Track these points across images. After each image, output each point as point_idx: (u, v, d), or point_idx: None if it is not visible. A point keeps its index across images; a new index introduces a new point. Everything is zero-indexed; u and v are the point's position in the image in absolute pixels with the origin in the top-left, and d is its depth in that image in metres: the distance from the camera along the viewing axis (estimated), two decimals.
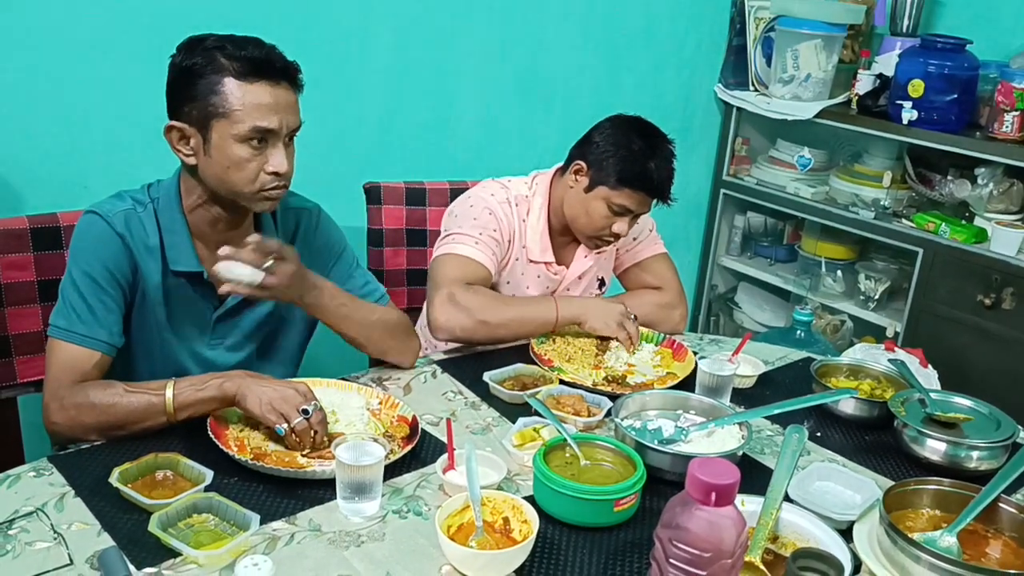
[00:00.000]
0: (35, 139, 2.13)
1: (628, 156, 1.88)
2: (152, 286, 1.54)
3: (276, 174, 1.48)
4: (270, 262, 1.45)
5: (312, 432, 1.42)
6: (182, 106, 1.45)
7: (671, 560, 0.97)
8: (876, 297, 3.10)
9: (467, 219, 1.96)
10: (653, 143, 1.90)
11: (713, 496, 0.95)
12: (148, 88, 2.22)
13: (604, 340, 1.94)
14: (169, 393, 1.42)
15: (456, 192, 2.15)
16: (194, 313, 1.60)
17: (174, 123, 1.47)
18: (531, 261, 2.03)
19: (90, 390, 1.43)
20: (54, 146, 2.16)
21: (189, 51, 1.44)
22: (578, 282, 2.10)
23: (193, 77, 1.43)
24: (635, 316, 1.96)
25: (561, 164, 2.02)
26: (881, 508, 1.27)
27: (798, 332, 2.76)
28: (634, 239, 2.15)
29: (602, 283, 2.17)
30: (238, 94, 1.42)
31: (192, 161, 1.48)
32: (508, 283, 2.03)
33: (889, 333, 3.02)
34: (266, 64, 1.43)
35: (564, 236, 2.06)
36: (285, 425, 1.41)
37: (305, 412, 1.41)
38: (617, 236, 1.96)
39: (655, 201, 1.94)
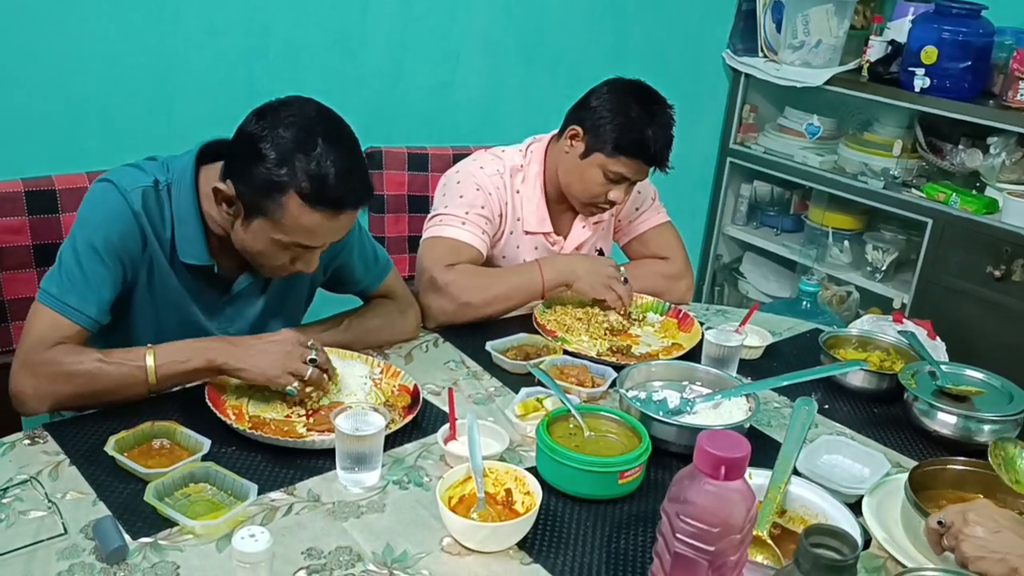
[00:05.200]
0: (31, 100, 2.10)
1: (625, 123, 1.83)
2: (161, 268, 1.50)
3: (299, 271, 1.47)
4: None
5: (325, 372, 1.43)
6: (238, 179, 1.38)
7: (678, 535, 0.95)
8: (883, 268, 3.07)
9: (454, 197, 1.91)
10: (651, 109, 1.84)
11: (723, 470, 0.92)
12: (148, 50, 2.20)
13: (603, 310, 1.90)
14: (150, 362, 1.38)
15: (459, 158, 2.10)
16: (202, 297, 1.57)
17: (221, 188, 1.40)
18: (527, 232, 1.99)
19: (62, 356, 1.37)
20: (50, 108, 2.12)
21: (270, 131, 1.35)
22: (576, 253, 2.06)
23: (260, 165, 1.34)
24: (626, 279, 1.90)
25: (557, 131, 1.97)
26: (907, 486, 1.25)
27: (804, 303, 2.75)
28: (636, 209, 2.11)
29: (600, 253, 2.13)
30: (295, 214, 1.35)
31: (228, 220, 1.44)
32: (504, 258, 1.99)
33: (896, 304, 2.99)
34: (337, 201, 1.36)
35: (561, 204, 2.01)
36: (296, 385, 1.40)
37: (312, 361, 1.40)
38: (613, 204, 1.91)
39: (652, 169, 1.89)
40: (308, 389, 1.42)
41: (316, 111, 1.40)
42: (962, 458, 1.38)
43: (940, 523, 1.14)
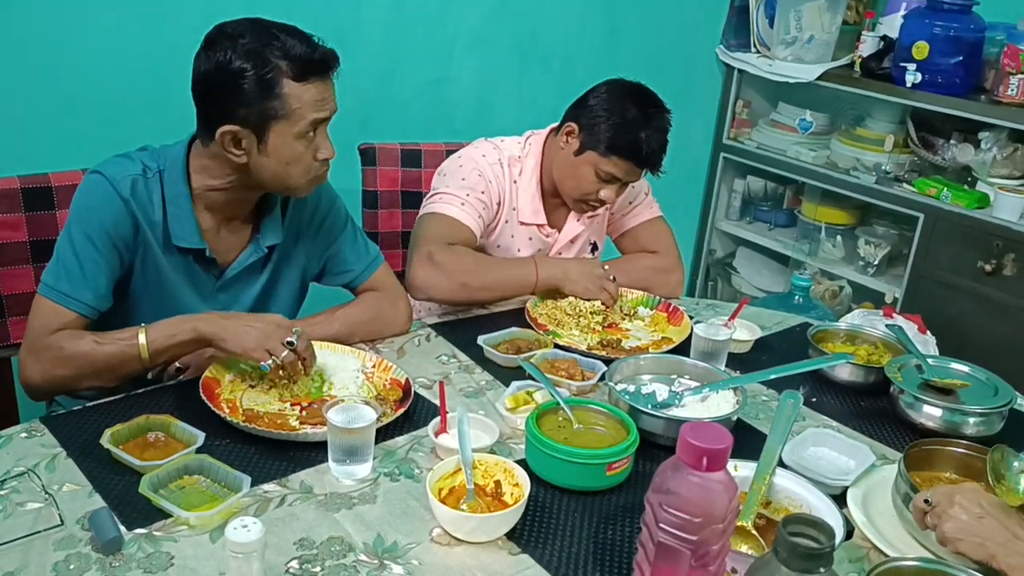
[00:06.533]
0: (27, 98, 2.11)
1: (620, 124, 1.85)
2: (155, 254, 1.53)
3: (324, 160, 1.50)
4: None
5: (301, 361, 1.43)
6: (234, 109, 1.42)
7: (661, 525, 0.96)
8: (876, 263, 3.09)
9: (455, 179, 1.94)
10: (648, 112, 1.86)
11: (705, 461, 0.94)
12: (143, 46, 2.21)
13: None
14: (142, 339, 1.41)
15: (452, 154, 2.12)
16: (197, 283, 1.60)
17: (228, 128, 1.43)
18: (522, 223, 2.01)
19: (62, 341, 1.42)
20: (46, 105, 2.13)
21: (231, 50, 1.39)
22: (570, 246, 2.09)
23: (244, 79, 1.39)
24: (614, 277, 1.92)
25: (556, 124, 2.00)
26: (901, 466, 1.27)
27: (796, 297, 2.75)
28: (630, 203, 2.13)
29: (594, 247, 2.15)
30: (296, 94, 1.41)
31: (242, 161, 1.46)
32: (499, 247, 2.02)
33: (888, 299, 3.01)
34: (318, 63, 1.43)
35: (556, 198, 2.03)
36: (270, 361, 1.41)
37: (290, 344, 1.42)
38: (603, 203, 1.94)
39: (645, 171, 1.91)
40: (281, 372, 1.43)
41: (247, 19, 1.45)
42: (959, 441, 1.41)
43: (927, 501, 1.17)
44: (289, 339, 1.42)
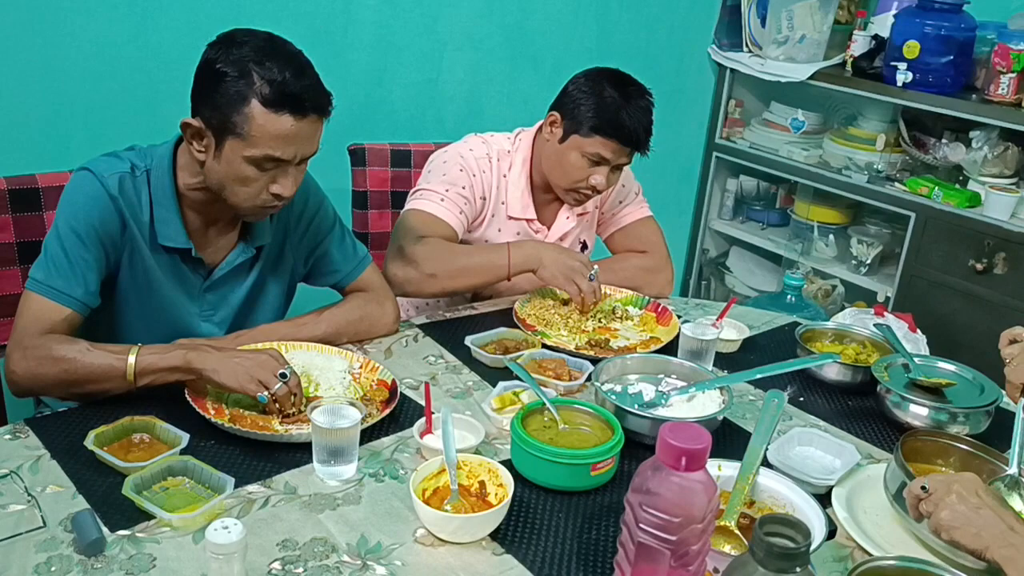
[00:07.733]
0: (15, 99, 2.10)
1: (600, 103, 1.85)
2: (142, 253, 1.53)
3: (278, 195, 1.47)
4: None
5: (292, 396, 1.41)
6: (203, 107, 1.42)
7: (641, 525, 0.96)
8: (868, 262, 3.09)
9: (437, 175, 1.94)
10: (627, 92, 1.86)
11: (684, 461, 0.94)
12: (131, 48, 2.21)
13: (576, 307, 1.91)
14: (131, 358, 1.40)
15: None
16: (184, 283, 1.59)
17: (191, 122, 1.43)
18: (510, 217, 2.01)
19: (53, 343, 1.41)
20: (34, 106, 2.13)
21: (225, 53, 1.39)
22: (559, 243, 2.08)
23: (221, 84, 1.38)
24: (594, 274, 1.87)
25: (544, 120, 2.00)
26: (898, 455, 1.27)
27: (789, 297, 2.76)
28: (620, 202, 2.13)
29: (584, 246, 2.15)
30: (260, 121, 1.38)
31: (201, 158, 1.46)
32: (486, 241, 2.01)
33: (880, 298, 3.01)
34: (297, 99, 1.39)
35: (547, 194, 2.03)
36: (266, 392, 1.39)
37: (283, 376, 1.39)
38: (595, 189, 1.92)
39: (632, 152, 1.90)
40: (275, 404, 1.41)
41: (266, 33, 1.44)
42: (956, 435, 1.41)
43: (924, 488, 1.17)
44: (282, 371, 1.40)
